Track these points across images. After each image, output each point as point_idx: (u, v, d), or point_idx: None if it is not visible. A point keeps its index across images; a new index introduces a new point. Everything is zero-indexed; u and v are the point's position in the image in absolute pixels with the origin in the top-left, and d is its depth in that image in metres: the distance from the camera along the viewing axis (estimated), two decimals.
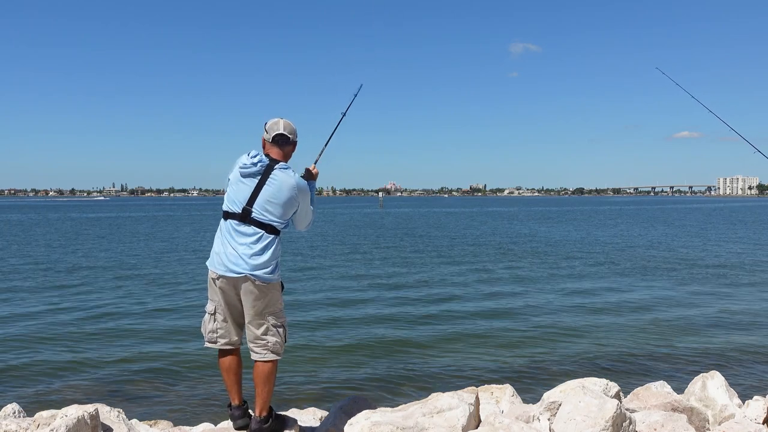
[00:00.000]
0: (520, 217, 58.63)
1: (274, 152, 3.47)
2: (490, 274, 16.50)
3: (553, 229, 39.15)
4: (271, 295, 3.39)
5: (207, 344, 3.53)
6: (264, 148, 3.52)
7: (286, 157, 3.53)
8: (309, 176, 3.76)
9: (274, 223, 3.39)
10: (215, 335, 3.49)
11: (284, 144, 3.49)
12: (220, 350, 3.52)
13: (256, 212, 3.35)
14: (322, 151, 3.96)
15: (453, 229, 39.91)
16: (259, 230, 3.35)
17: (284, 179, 3.38)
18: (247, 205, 3.35)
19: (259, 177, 3.36)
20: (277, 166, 3.40)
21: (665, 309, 11.32)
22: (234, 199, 3.39)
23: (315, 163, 3.84)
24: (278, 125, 3.48)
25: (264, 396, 3.42)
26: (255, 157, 3.37)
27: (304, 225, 3.62)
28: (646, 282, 14.89)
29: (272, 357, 3.42)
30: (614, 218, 54.99)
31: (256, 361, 3.44)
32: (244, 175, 3.37)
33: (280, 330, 3.45)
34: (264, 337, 3.40)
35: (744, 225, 42.63)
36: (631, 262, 19.19)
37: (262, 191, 3.35)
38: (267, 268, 3.35)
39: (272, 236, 3.39)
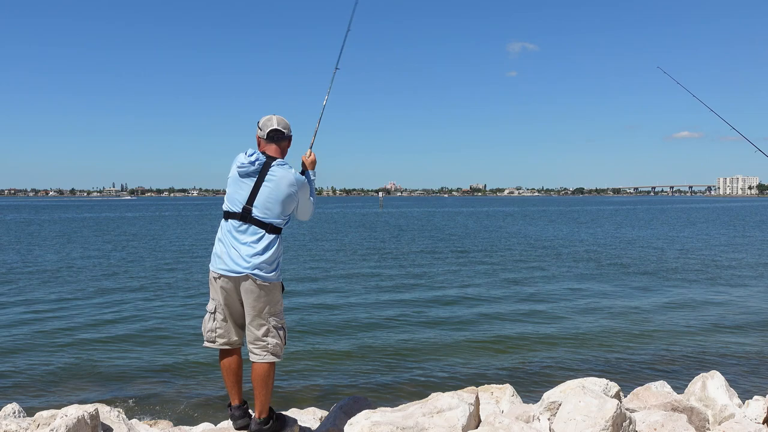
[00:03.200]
0: (520, 217, 58.61)
1: (271, 149, 3.48)
2: (490, 275, 16.50)
3: (553, 229, 39.13)
4: (272, 295, 3.38)
5: (206, 343, 3.52)
6: (259, 146, 3.52)
7: (283, 153, 3.53)
8: (305, 167, 3.76)
9: (275, 222, 3.38)
10: (214, 334, 3.48)
11: (279, 139, 3.50)
12: (221, 350, 3.51)
13: (257, 211, 3.34)
14: (316, 130, 3.93)
15: (452, 229, 39.90)
16: (260, 230, 3.34)
17: (282, 176, 3.39)
18: (247, 204, 3.35)
19: (257, 176, 3.36)
20: (274, 163, 3.40)
21: (665, 309, 11.32)
22: (234, 199, 3.39)
23: (310, 147, 3.83)
24: (272, 121, 3.49)
25: (262, 398, 3.41)
26: (252, 155, 3.37)
27: (305, 216, 3.64)
28: (646, 282, 14.89)
29: (271, 359, 3.40)
30: (614, 218, 54.96)
31: (254, 362, 3.42)
32: (243, 175, 3.37)
33: (281, 332, 3.43)
34: (264, 338, 3.38)
35: (743, 225, 42.61)
36: (630, 263, 19.19)
37: (261, 190, 3.35)
38: (268, 267, 3.34)
39: (273, 235, 3.38)
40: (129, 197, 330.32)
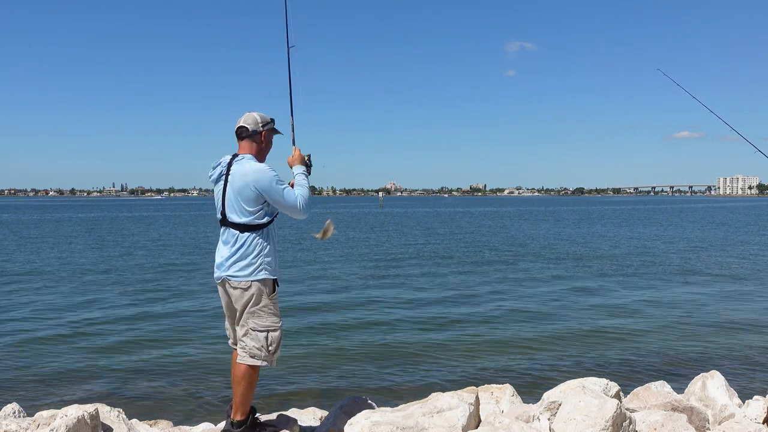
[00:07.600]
0: (522, 217, 58.60)
1: (242, 147, 3.47)
2: (490, 275, 16.50)
3: (554, 228, 39.13)
4: (249, 296, 3.31)
5: (229, 342, 3.67)
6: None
7: (255, 149, 3.44)
8: (294, 163, 3.61)
9: (246, 221, 3.29)
10: (227, 334, 3.64)
11: (245, 136, 3.43)
12: (234, 351, 3.58)
13: (228, 214, 3.36)
14: (293, 125, 3.78)
15: (452, 230, 39.88)
16: (235, 231, 3.33)
17: (235, 170, 3.33)
18: (222, 209, 3.39)
19: (222, 178, 3.40)
20: (235, 161, 3.38)
21: (665, 309, 11.32)
22: (216, 207, 3.46)
23: (294, 143, 3.69)
24: (239, 119, 3.46)
25: (237, 398, 3.38)
26: (217, 161, 3.46)
27: (287, 209, 3.35)
28: (646, 282, 14.88)
29: (250, 361, 3.32)
30: (614, 218, 54.94)
31: (236, 362, 3.44)
32: (213, 182, 3.47)
33: (261, 334, 3.32)
34: (243, 339, 3.37)
35: (743, 225, 42.59)
36: (630, 263, 19.19)
37: (226, 192, 3.37)
38: (242, 267, 3.29)
39: (248, 234, 3.29)
40: (159, 196, 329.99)
